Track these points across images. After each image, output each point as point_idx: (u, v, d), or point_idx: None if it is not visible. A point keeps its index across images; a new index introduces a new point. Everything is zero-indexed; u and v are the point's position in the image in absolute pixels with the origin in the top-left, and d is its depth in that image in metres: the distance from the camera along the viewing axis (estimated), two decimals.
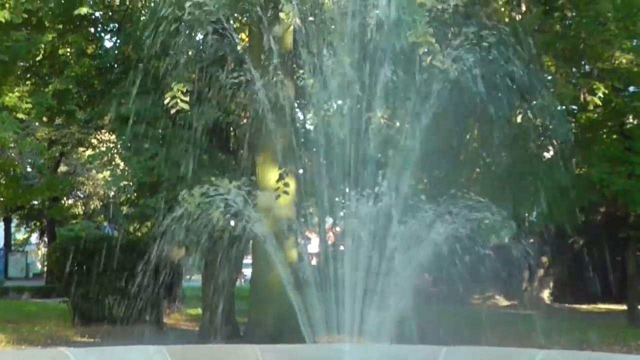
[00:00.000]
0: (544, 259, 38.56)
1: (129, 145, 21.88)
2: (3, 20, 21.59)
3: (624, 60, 22.77)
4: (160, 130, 20.92)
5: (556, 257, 36.58)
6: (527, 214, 24.31)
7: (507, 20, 21.01)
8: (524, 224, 23.81)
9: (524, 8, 22.49)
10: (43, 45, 24.66)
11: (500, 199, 17.19)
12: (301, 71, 18.22)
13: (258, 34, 17.30)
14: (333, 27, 14.75)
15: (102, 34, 26.91)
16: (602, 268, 32.49)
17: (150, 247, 13.28)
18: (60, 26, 25.13)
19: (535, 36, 19.37)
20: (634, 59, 22.53)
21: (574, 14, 21.05)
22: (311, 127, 17.75)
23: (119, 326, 21.50)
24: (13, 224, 60.76)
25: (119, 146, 24.85)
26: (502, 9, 21.60)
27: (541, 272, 39.85)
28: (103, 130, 31.78)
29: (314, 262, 13.93)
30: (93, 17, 25.25)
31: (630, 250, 29.05)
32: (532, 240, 27.96)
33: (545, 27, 21.16)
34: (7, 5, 21.95)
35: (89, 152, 36.44)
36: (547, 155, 23.74)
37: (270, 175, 17.61)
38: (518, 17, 22.12)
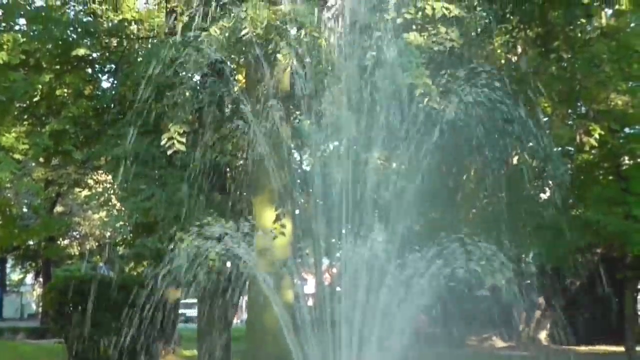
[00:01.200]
0: (541, 300, 38.46)
1: (126, 185, 21.87)
2: (1, 61, 21.69)
3: (619, 102, 22.85)
4: (156, 171, 20.93)
5: (553, 298, 36.52)
6: (523, 255, 24.28)
7: (503, 61, 21.13)
8: (520, 265, 23.76)
9: (519, 50, 22.61)
10: (40, 86, 24.72)
11: (496, 239, 17.18)
12: (298, 112, 18.31)
13: (255, 75, 17.34)
14: (330, 68, 14.82)
15: (99, 75, 26.99)
16: (600, 309, 32.43)
17: (146, 288, 13.25)
18: (58, 67, 25.20)
19: (531, 77, 19.45)
20: (629, 100, 22.62)
21: (569, 55, 21.14)
22: (308, 168, 17.80)
23: None
24: (8, 265, 60.59)
25: (115, 187, 24.84)
26: (498, 51, 21.71)
27: (538, 313, 39.74)
28: (100, 171, 31.79)
29: (310, 302, 13.89)
30: (90, 58, 25.33)
31: (628, 291, 29.01)
32: (529, 281, 27.91)
33: (541, 68, 21.25)
34: (5, 47, 22.06)
35: (86, 192, 36.45)
36: (544, 196, 23.76)
37: (267, 216, 17.56)
38: (514, 58, 22.24)
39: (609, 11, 23.78)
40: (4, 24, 24.44)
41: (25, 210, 35.48)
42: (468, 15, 16.56)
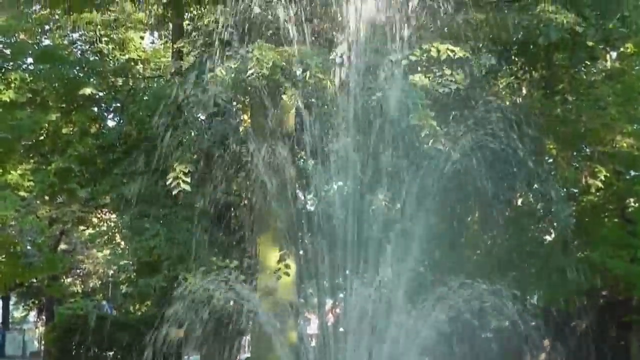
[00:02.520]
0: (546, 342, 38.22)
1: (130, 224, 21.85)
2: (8, 100, 21.80)
3: (624, 144, 22.84)
4: (161, 210, 20.93)
5: (558, 340, 36.25)
6: (528, 297, 24.18)
7: (508, 103, 21.15)
8: (525, 307, 23.65)
9: (524, 91, 22.66)
10: (46, 124, 24.81)
11: (501, 281, 17.12)
12: (302, 152, 18.35)
13: (260, 115, 17.40)
14: (335, 109, 14.87)
15: (105, 114, 27.07)
16: (605, 352, 32.19)
17: (149, 327, 13.21)
18: (64, 105, 25.30)
19: (536, 119, 19.47)
20: (634, 142, 22.62)
21: (574, 97, 21.17)
22: (312, 208, 17.79)
23: None
24: (11, 302, 60.41)
25: (119, 225, 24.82)
26: (503, 93, 21.76)
27: (543, 355, 39.46)
28: (104, 209, 31.77)
29: (313, 343, 13.84)
30: (96, 96, 25.43)
31: (633, 334, 28.80)
32: (533, 323, 27.72)
33: (546, 110, 21.26)
34: (12, 85, 22.19)
35: (90, 230, 36.40)
36: (549, 237, 23.69)
37: (271, 256, 17.53)
38: (519, 100, 22.28)
39: (614, 54, 23.87)
40: (11, 63, 24.60)
41: (29, 247, 35.41)
42: (473, 57, 16.62)
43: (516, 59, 20.13)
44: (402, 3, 15.33)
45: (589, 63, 20.86)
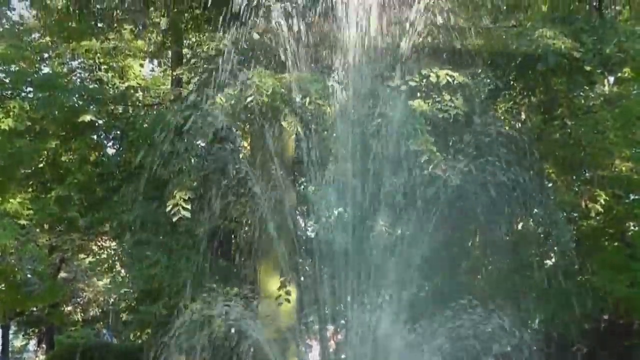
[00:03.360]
0: None
1: (130, 251, 21.82)
2: (7, 128, 21.82)
3: (623, 168, 22.87)
4: (161, 237, 20.90)
5: None
6: (529, 321, 24.12)
7: (507, 128, 21.20)
8: (526, 331, 23.59)
9: (523, 116, 22.70)
10: (45, 152, 24.81)
11: (502, 306, 17.09)
12: (303, 178, 18.36)
13: (260, 142, 17.42)
14: (335, 135, 14.91)
15: (105, 141, 27.07)
16: None
17: (150, 355, 13.19)
18: (63, 133, 25.30)
19: (535, 144, 19.51)
20: (633, 166, 22.64)
21: (573, 122, 21.21)
22: (312, 235, 17.79)
23: None
24: (11, 331, 60.22)
25: (120, 253, 24.78)
26: (502, 118, 21.81)
27: None
28: (104, 237, 31.73)
29: None
30: (96, 124, 25.45)
31: (635, 358, 28.69)
32: (534, 348, 27.65)
33: (545, 135, 21.31)
34: (11, 113, 22.22)
35: (90, 258, 36.36)
36: (549, 262, 23.67)
37: (272, 282, 17.51)
38: (518, 125, 22.32)
39: (612, 79, 23.96)
40: (10, 91, 24.63)
41: (29, 276, 35.35)
42: (472, 82, 16.68)
43: (515, 84, 20.20)
44: (402, 28, 15.42)
45: (587, 88, 20.95)
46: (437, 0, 15.63)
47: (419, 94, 15.73)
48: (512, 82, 20.07)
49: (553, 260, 23.49)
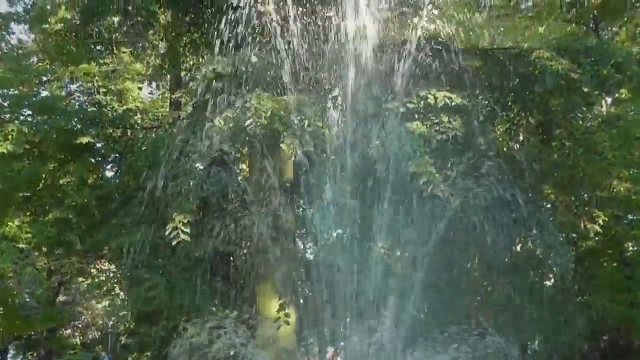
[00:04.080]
0: None
1: (129, 274, 21.80)
2: (5, 152, 21.84)
3: (622, 189, 22.90)
4: (160, 260, 20.87)
5: None
6: (529, 343, 24.08)
7: (505, 149, 21.23)
8: (526, 353, 23.56)
9: (521, 137, 22.75)
10: (44, 175, 24.81)
11: (501, 327, 17.06)
12: (301, 201, 18.35)
13: (259, 164, 17.42)
14: (333, 157, 14.91)
15: (103, 164, 27.07)
16: None
17: None
18: (62, 156, 25.31)
19: (533, 165, 19.55)
20: (631, 187, 22.67)
21: (571, 143, 21.27)
22: (311, 257, 17.78)
23: None
24: (9, 355, 59.98)
25: (118, 275, 24.75)
26: (500, 139, 21.85)
27: None
28: (102, 260, 31.65)
29: None
30: (94, 147, 25.47)
31: None
32: None
33: (544, 155, 21.35)
34: (10, 137, 22.25)
35: (89, 281, 36.24)
36: (548, 283, 23.66)
37: (271, 305, 17.46)
38: (516, 146, 22.36)
39: (609, 100, 24.04)
40: (9, 114, 24.67)
41: (27, 299, 35.25)
42: (470, 104, 16.72)
43: (513, 105, 20.25)
44: (400, 50, 15.46)
45: (585, 109, 21.01)
46: (435, 22, 15.68)
47: (417, 116, 15.77)
48: (510, 104, 20.13)
49: (552, 281, 23.48)
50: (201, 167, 18.28)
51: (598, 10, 25.45)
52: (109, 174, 27.10)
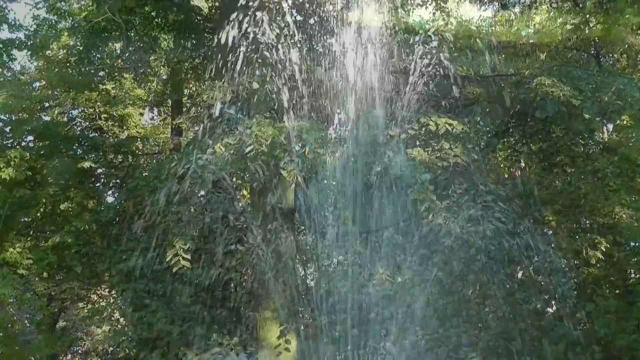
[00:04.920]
0: None
1: (129, 300, 21.73)
2: (7, 178, 21.85)
3: (624, 215, 22.84)
4: (161, 285, 20.82)
5: None
6: None
7: (506, 176, 21.22)
8: None
9: (522, 164, 22.74)
10: (44, 200, 24.79)
11: (503, 355, 16.98)
12: (302, 227, 18.32)
13: (260, 190, 17.42)
14: (334, 184, 14.91)
15: (104, 190, 27.06)
16: None
17: None
18: (62, 182, 25.31)
19: (535, 191, 19.53)
20: (633, 214, 22.61)
21: (572, 169, 21.25)
22: (312, 283, 17.73)
23: None
24: None
25: (118, 301, 24.66)
26: (502, 165, 21.84)
27: None
28: (103, 286, 31.57)
29: None
30: (95, 172, 25.47)
31: None
32: None
33: (545, 182, 21.33)
34: (12, 163, 22.25)
35: (89, 307, 36.14)
36: (550, 310, 23.56)
37: (271, 332, 17.42)
38: (517, 172, 22.35)
39: (610, 126, 24.05)
40: (10, 141, 24.70)
41: (27, 325, 35.16)
42: (471, 131, 16.74)
43: (514, 132, 20.26)
44: (401, 78, 15.49)
45: (586, 135, 21.01)
46: (436, 50, 15.72)
47: (418, 143, 15.77)
48: (511, 130, 20.14)
49: (554, 308, 23.40)
50: (202, 194, 18.29)
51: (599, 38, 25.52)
52: (110, 199, 27.09)
